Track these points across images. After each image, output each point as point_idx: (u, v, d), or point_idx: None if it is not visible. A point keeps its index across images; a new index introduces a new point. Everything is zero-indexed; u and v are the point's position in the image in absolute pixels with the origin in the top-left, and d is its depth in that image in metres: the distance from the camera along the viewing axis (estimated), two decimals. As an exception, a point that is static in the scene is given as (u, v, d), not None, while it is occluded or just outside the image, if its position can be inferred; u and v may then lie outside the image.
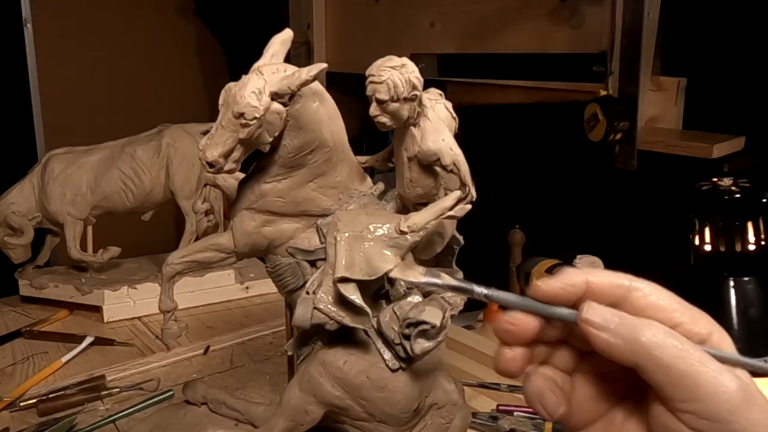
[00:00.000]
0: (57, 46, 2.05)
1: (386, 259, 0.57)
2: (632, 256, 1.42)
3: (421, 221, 0.58)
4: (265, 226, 0.69)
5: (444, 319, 0.61)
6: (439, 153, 0.60)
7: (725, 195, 0.97)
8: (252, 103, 0.60)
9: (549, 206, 1.65)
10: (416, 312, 0.61)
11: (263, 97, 0.61)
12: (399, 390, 0.63)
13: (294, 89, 0.61)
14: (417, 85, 0.60)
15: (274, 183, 0.67)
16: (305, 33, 1.80)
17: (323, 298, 0.59)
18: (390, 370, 0.63)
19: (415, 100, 0.60)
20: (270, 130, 0.63)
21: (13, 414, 0.89)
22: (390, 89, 0.58)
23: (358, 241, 0.58)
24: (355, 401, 0.64)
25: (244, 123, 0.61)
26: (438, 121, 0.62)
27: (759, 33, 1.20)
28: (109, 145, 1.24)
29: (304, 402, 0.65)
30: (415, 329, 0.60)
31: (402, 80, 0.59)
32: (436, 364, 0.67)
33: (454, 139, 0.62)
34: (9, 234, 1.20)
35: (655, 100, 1.23)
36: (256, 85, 0.61)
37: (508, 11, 1.39)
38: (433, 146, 0.60)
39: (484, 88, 1.49)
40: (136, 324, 1.18)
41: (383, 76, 0.59)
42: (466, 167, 0.60)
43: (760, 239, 0.97)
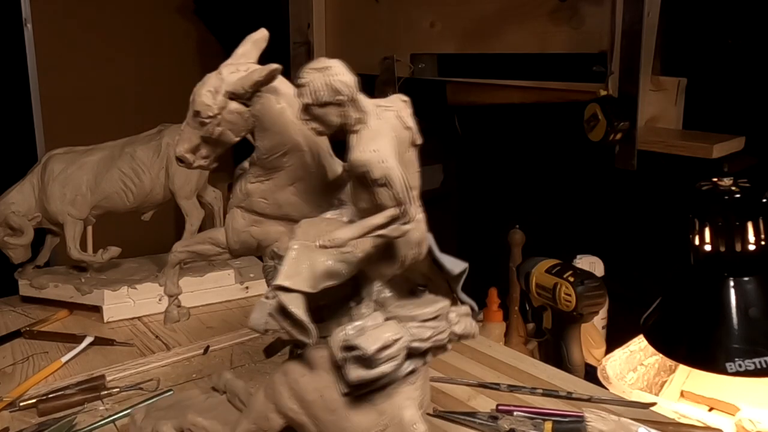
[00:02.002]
0: (57, 46, 2.05)
1: (331, 274, 0.54)
2: (632, 256, 1.42)
3: (343, 236, 0.54)
4: (252, 226, 0.69)
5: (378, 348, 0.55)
6: (368, 165, 0.53)
7: (725, 195, 0.97)
8: (206, 101, 0.61)
9: (549, 206, 1.65)
10: (355, 335, 0.56)
11: (218, 96, 0.61)
12: (348, 417, 0.59)
13: (248, 89, 0.61)
14: (341, 90, 0.54)
15: (258, 183, 0.67)
16: (305, 33, 1.80)
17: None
18: (341, 393, 0.59)
19: (341, 105, 0.55)
20: (234, 129, 0.63)
21: (13, 414, 0.89)
22: (311, 93, 0.54)
23: (309, 251, 0.55)
24: (308, 418, 0.61)
25: (201, 121, 0.62)
26: (380, 129, 0.56)
27: (759, 33, 1.20)
28: (109, 145, 1.24)
29: (265, 408, 0.63)
30: (350, 353, 0.56)
31: (323, 84, 0.54)
32: (402, 398, 0.60)
33: (392, 150, 0.54)
34: (9, 234, 1.20)
35: (655, 100, 1.24)
36: (213, 84, 0.62)
37: (508, 11, 1.39)
38: (362, 157, 0.53)
39: (484, 88, 1.49)
40: (136, 324, 1.18)
41: (306, 78, 0.55)
42: (402, 183, 0.53)
43: (760, 239, 0.97)
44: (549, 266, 1.09)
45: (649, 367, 1.13)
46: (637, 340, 1.11)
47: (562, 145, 1.54)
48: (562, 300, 1.04)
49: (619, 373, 1.06)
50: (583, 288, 1.03)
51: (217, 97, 0.61)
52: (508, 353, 1.03)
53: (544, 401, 0.88)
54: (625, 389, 0.97)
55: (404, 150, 0.58)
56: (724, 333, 0.95)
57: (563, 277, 1.05)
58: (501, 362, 0.99)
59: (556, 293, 1.05)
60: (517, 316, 1.29)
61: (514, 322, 1.29)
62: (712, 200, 0.98)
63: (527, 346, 1.27)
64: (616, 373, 1.05)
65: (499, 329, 1.31)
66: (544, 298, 1.08)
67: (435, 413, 0.85)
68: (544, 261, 1.11)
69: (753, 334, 0.95)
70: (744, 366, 0.93)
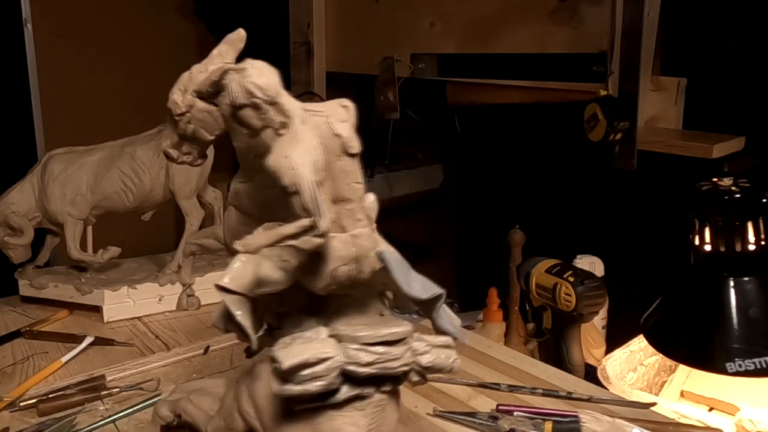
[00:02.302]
0: (57, 46, 2.05)
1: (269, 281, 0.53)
2: (632, 256, 1.43)
3: (255, 243, 0.52)
4: (243, 225, 0.69)
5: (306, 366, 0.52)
6: (279, 171, 0.50)
7: (725, 195, 0.97)
8: (175, 99, 0.61)
9: (549, 206, 1.65)
10: (280, 347, 0.53)
11: (186, 95, 0.61)
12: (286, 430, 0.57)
13: (209, 89, 0.60)
14: (254, 92, 0.53)
15: (244, 184, 0.67)
16: (305, 33, 1.80)
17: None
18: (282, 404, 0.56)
19: (259, 108, 0.53)
20: (206, 127, 0.62)
21: (13, 414, 0.89)
22: (228, 95, 0.54)
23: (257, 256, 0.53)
24: (260, 424, 0.59)
25: (173, 119, 0.62)
26: (301, 135, 0.53)
27: (759, 33, 1.20)
28: (109, 145, 1.24)
29: (231, 407, 0.62)
30: (273, 365, 0.53)
31: (238, 86, 0.53)
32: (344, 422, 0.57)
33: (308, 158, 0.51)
34: (9, 234, 1.20)
35: (655, 100, 1.24)
36: (183, 82, 0.62)
37: (508, 11, 1.39)
38: (274, 163, 0.51)
39: (484, 88, 1.49)
40: (136, 324, 1.18)
41: (225, 80, 0.55)
42: (311, 193, 0.50)
43: (760, 239, 0.97)
44: (549, 266, 1.09)
45: (649, 367, 1.13)
46: (637, 340, 1.11)
47: (562, 145, 1.54)
48: (562, 300, 1.04)
49: (619, 373, 1.06)
50: (583, 288, 1.03)
51: (186, 95, 0.61)
52: (508, 353, 1.04)
53: (544, 401, 0.88)
54: (625, 389, 0.97)
55: (334, 159, 0.54)
56: (724, 333, 0.95)
57: (563, 277, 1.05)
58: (501, 362, 1.00)
59: (556, 293, 1.05)
60: (517, 316, 1.29)
61: (514, 322, 1.29)
62: (712, 200, 0.98)
63: (527, 346, 1.27)
64: (616, 373, 1.05)
65: (499, 329, 1.31)
66: (544, 298, 1.08)
67: (435, 413, 0.85)
68: (544, 261, 1.11)
69: (753, 334, 0.95)
70: (744, 366, 0.93)
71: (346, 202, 0.55)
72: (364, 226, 0.56)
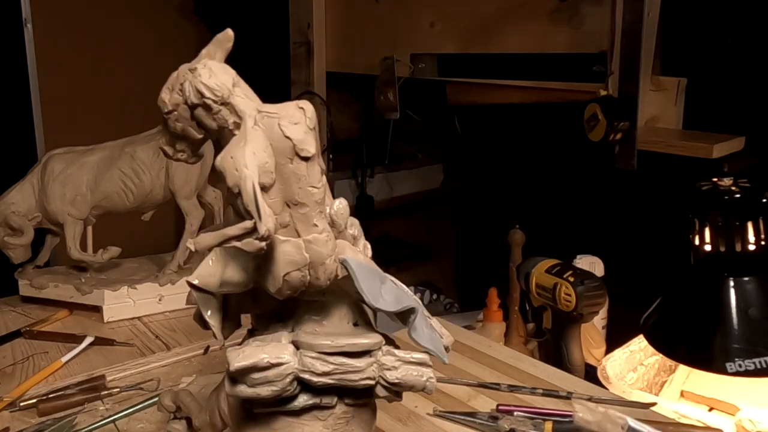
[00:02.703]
0: (57, 46, 2.05)
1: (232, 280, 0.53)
2: (632, 256, 1.42)
3: (203, 242, 0.51)
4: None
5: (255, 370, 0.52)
6: (224, 172, 0.51)
7: (725, 195, 0.97)
8: (162, 98, 0.61)
9: (549, 206, 1.65)
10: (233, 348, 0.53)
11: (173, 94, 0.60)
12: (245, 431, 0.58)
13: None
14: (204, 93, 0.54)
15: None
16: (305, 33, 1.80)
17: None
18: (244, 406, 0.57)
19: (210, 108, 0.55)
20: (194, 126, 0.62)
21: (13, 414, 0.89)
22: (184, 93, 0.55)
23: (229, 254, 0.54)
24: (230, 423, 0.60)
25: (163, 117, 0.62)
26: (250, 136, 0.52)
27: (759, 33, 1.20)
28: (109, 145, 1.24)
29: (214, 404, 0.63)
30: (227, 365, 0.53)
31: (190, 85, 0.55)
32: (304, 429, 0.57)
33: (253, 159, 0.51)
34: (9, 234, 1.20)
35: (655, 100, 1.24)
36: (170, 81, 0.62)
37: (508, 11, 1.39)
38: (219, 163, 0.51)
39: (484, 88, 1.49)
40: (136, 324, 1.18)
41: (180, 79, 0.55)
42: (251, 195, 0.49)
43: (760, 239, 0.97)
44: (549, 266, 1.09)
45: (649, 367, 1.13)
46: (637, 340, 1.11)
47: (562, 145, 1.54)
48: (562, 300, 1.04)
49: (619, 373, 1.06)
50: (583, 288, 1.03)
51: (173, 94, 0.61)
52: (508, 353, 1.04)
53: (544, 401, 0.88)
54: (625, 389, 0.97)
55: (285, 161, 0.53)
56: (724, 333, 0.95)
57: (563, 277, 1.05)
58: (501, 362, 1.00)
59: (556, 293, 1.05)
60: (517, 316, 1.29)
61: (514, 322, 1.29)
62: (712, 200, 0.98)
63: (527, 346, 1.27)
64: (616, 373, 1.05)
65: (499, 329, 1.31)
66: (544, 298, 1.08)
67: (435, 413, 0.85)
68: (544, 261, 1.11)
69: (753, 334, 0.95)
70: (744, 366, 0.93)
71: (300, 206, 0.54)
72: (320, 232, 0.54)
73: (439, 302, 1.75)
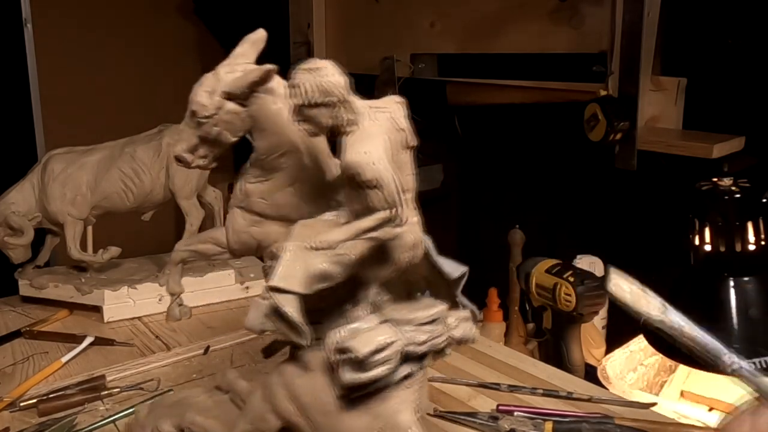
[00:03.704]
0: (57, 46, 2.05)
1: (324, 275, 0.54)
2: (632, 256, 1.42)
3: (333, 239, 0.54)
4: (253, 226, 0.69)
5: (371, 351, 0.55)
6: (359, 167, 0.53)
7: (725, 195, 0.97)
8: (202, 101, 0.61)
9: (549, 206, 1.65)
10: (348, 337, 0.56)
11: (215, 97, 0.61)
12: (342, 420, 0.59)
13: (244, 89, 0.61)
14: (330, 91, 0.54)
15: (258, 184, 0.67)
16: (305, 33, 1.80)
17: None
18: (335, 396, 0.59)
19: (332, 106, 0.55)
20: (231, 129, 0.63)
21: (13, 414, 0.89)
22: (302, 94, 0.54)
23: (303, 253, 0.55)
24: (304, 420, 0.61)
25: (198, 121, 0.62)
26: (372, 131, 0.55)
27: (759, 33, 1.20)
28: (109, 145, 1.24)
29: (262, 409, 0.63)
30: (342, 356, 0.55)
31: (313, 85, 0.54)
32: (397, 402, 0.60)
33: (384, 152, 0.54)
34: (9, 234, 1.20)
35: (655, 100, 1.24)
36: (209, 84, 0.62)
37: (508, 11, 1.39)
38: (353, 159, 0.53)
39: (484, 88, 1.49)
40: (136, 324, 1.18)
41: (298, 79, 0.55)
42: (393, 186, 0.52)
43: (760, 239, 0.97)
44: (549, 266, 1.09)
45: (649, 367, 1.13)
46: (637, 340, 1.11)
47: (562, 145, 1.54)
48: (562, 300, 1.04)
49: (619, 373, 1.06)
50: (583, 288, 1.03)
51: (214, 97, 0.61)
52: (508, 353, 1.04)
53: (545, 401, 0.88)
54: (625, 389, 0.97)
55: (397, 152, 0.57)
56: (724, 333, 0.95)
57: (563, 277, 1.05)
58: (501, 362, 1.00)
59: (556, 293, 1.05)
60: (517, 316, 1.29)
61: (514, 322, 1.30)
62: (712, 200, 0.98)
63: (527, 346, 1.27)
64: (616, 373, 1.05)
65: (499, 329, 1.32)
66: (544, 298, 1.08)
67: (435, 413, 0.85)
68: (544, 261, 1.11)
69: (753, 334, 0.95)
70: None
71: (406, 192, 0.57)
72: (415, 215, 0.59)
73: (439, 302, 1.75)
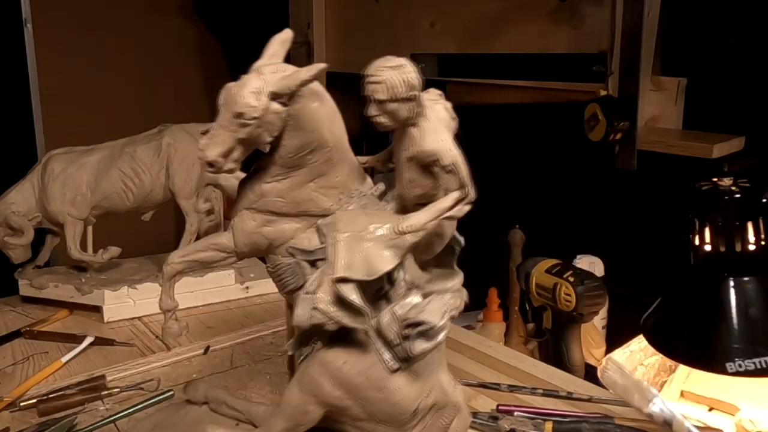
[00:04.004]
0: (57, 46, 2.05)
1: (385, 260, 0.58)
2: (632, 256, 1.42)
3: (419, 222, 0.59)
4: (265, 226, 0.69)
5: (443, 320, 0.61)
6: (439, 154, 0.60)
7: (725, 195, 0.97)
8: (251, 103, 0.61)
9: (549, 206, 1.65)
10: (416, 312, 0.61)
11: (262, 97, 0.61)
12: (398, 390, 0.63)
13: (293, 89, 0.62)
14: (415, 86, 0.60)
15: (275, 183, 0.67)
16: (305, 33, 1.80)
17: (323, 298, 0.59)
18: (389, 370, 0.63)
19: (414, 100, 0.60)
20: (270, 129, 0.63)
21: (13, 414, 0.89)
22: (388, 89, 0.59)
23: (358, 241, 0.58)
24: (354, 401, 0.64)
25: (243, 123, 0.61)
26: (437, 121, 0.62)
27: (759, 33, 1.20)
28: (109, 145, 1.24)
29: (303, 402, 0.65)
30: (415, 330, 0.61)
31: (400, 80, 0.59)
32: (436, 364, 0.66)
33: (452, 139, 0.62)
34: (9, 234, 1.20)
35: (655, 100, 1.23)
36: (255, 84, 0.61)
37: (508, 11, 1.39)
38: (433, 147, 0.60)
39: (484, 88, 1.49)
40: (136, 324, 1.18)
41: (382, 76, 0.59)
42: (465, 168, 0.60)
43: (760, 239, 0.97)
44: (549, 266, 1.09)
45: (649, 367, 1.13)
46: (637, 340, 1.11)
47: (562, 145, 1.54)
48: (562, 300, 1.04)
49: (619, 373, 1.06)
50: (583, 288, 1.03)
51: (261, 98, 0.61)
52: (508, 353, 1.04)
53: (545, 401, 0.88)
54: (625, 389, 0.97)
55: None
56: (724, 333, 0.95)
57: (563, 277, 1.05)
58: (501, 362, 1.00)
59: (556, 293, 1.05)
60: (517, 316, 1.29)
61: (514, 322, 1.29)
62: (712, 200, 0.98)
63: (527, 346, 1.27)
64: (616, 373, 1.05)
65: (499, 329, 1.31)
66: (544, 298, 1.08)
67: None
68: (544, 261, 1.11)
69: (753, 334, 0.95)
70: (744, 366, 0.93)
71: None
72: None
73: (439, 302, 1.75)
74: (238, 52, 2.27)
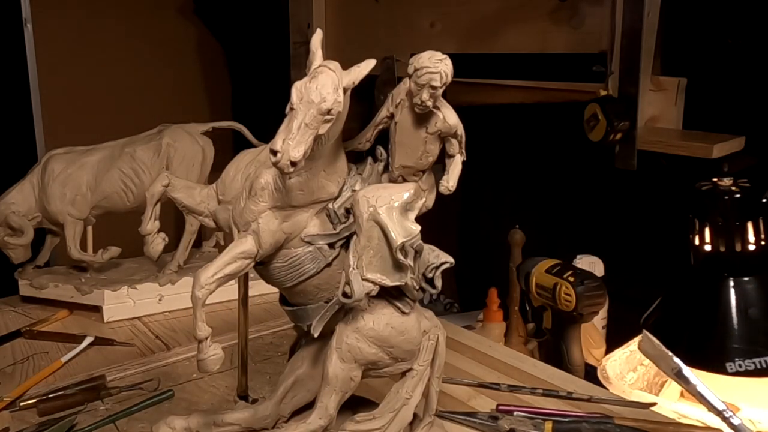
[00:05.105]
0: (57, 46, 2.05)
1: (413, 221, 0.68)
2: (632, 256, 1.42)
3: (452, 183, 0.74)
4: (284, 222, 0.70)
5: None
6: (458, 126, 0.72)
7: (725, 195, 0.97)
8: (338, 98, 0.64)
9: (549, 206, 1.65)
10: (434, 257, 0.71)
11: (340, 92, 0.64)
12: (414, 327, 0.72)
13: (356, 83, 0.67)
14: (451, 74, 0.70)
15: (297, 177, 0.68)
16: (305, 33, 1.80)
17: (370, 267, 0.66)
18: (404, 313, 0.71)
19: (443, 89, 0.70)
20: (339, 123, 0.67)
21: (13, 414, 0.89)
22: (441, 78, 0.69)
23: (391, 210, 0.67)
24: (385, 352, 0.71)
25: (329, 119, 0.64)
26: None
27: (759, 33, 1.20)
28: (109, 145, 1.24)
29: (348, 370, 0.71)
30: (437, 270, 0.70)
31: (448, 71, 0.70)
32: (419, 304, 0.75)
33: None
34: (9, 234, 1.20)
35: (655, 100, 1.24)
36: (334, 81, 0.64)
37: (508, 11, 1.39)
38: (456, 121, 0.72)
39: (484, 88, 1.49)
40: (136, 324, 1.18)
41: (438, 66, 0.69)
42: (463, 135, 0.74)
43: (760, 239, 0.97)
44: (549, 266, 1.09)
45: (649, 367, 1.13)
46: (637, 340, 1.11)
47: (562, 145, 1.54)
48: (562, 300, 1.04)
49: (619, 373, 1.06)
50: (583, 288, 1.03)
51: (339, 93, 0.64)
52: (508, 353, 1.04)
53: (544, 401, 0.88)
54: (625, 389, 0.97)
55: None
56: (724, 333, 0.95)
57: (563, 277, 1.05)
58: (501, 362, 0.99)
59: (556, 293, 1.05)
60: (517, 316, 1.29)
61: (514, 322, 1.29)
62: (712, 200, 0.98)
63: (527, 346, 1.27)
64: (616, 373, 1.05)
65: (499, 329, 1.31)
66: (544, 298, 1.08)
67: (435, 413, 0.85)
68: (544, 261, 1.11)
69: (753, 334, 0.95)
70: (744, 366, 0.93)
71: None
72: None
73: (439, 302, 1.75)
74: (238, 52, 2.27)
